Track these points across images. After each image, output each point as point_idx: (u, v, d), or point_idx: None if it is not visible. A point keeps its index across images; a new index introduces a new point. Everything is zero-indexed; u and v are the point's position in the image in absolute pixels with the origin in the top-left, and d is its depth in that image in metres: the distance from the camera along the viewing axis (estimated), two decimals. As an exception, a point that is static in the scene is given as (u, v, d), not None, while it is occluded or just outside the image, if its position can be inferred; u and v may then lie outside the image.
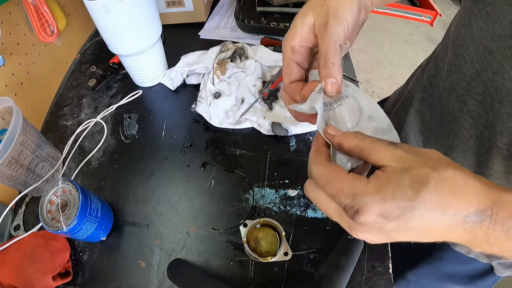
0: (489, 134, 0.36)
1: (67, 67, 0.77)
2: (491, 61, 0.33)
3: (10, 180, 0.48)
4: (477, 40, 0.35)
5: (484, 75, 0.34)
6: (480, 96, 0.36)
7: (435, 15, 1.58)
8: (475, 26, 0.35)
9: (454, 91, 0.39)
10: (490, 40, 0.33)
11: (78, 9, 0.78)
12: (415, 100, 0.48)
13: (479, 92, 0.36)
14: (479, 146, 0.38)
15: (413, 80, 0.53)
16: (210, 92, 0.62)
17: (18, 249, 0.44)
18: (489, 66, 0.34)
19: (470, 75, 0.36)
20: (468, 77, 0.37)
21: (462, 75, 0.38)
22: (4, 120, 0.51)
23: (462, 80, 0.38)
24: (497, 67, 0.33)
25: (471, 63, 0.36)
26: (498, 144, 0.35)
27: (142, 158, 0.58)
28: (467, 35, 0.36)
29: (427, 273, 0.57)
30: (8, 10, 0.59)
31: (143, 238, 0.49)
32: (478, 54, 0.35)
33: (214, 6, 0.88)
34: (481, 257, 0.48)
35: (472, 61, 0.36)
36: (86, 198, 0.44)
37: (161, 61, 0.67)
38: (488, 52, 0.33)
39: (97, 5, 0.51)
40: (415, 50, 2.28)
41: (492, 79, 0.34)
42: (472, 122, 0.38)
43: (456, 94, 0.39)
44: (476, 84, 0.36)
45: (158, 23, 0.61)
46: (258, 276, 0.45)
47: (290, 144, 0.58)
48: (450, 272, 0.55)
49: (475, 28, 0.35)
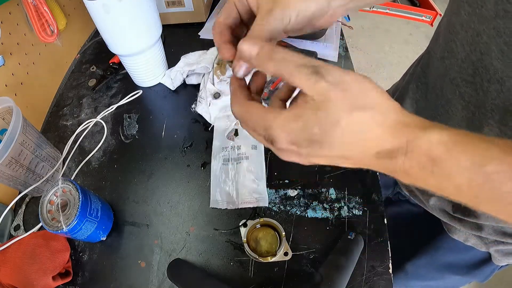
0: (480, 114, 0.37)
1: (67, 67, 0.78)
2: (479, 42, 0.34)
3: (10, 180, 0.48)
4: (465, 24, 0.36)
5: (473, 56, 0.36)
6: (470, 77, 0.37)
7: (435, 15, 1.58)
8: (463, 11, 0.36)
9: (447, 75, 0.40)
10: (478, 22, 0.34)
11: (78, 9, 0.78)
12: (410, 90, 0.50)
13: (469, 73, 0.37)
14: (471, 127, 0.39)
15: (409, 73, 0.55)
16: (210, 92, 0.62)
17: (18, 249, 0.44)
18: (477, 47, 0.35)
19: (461, 58, 0.38)
20: (459, 61, 0.38)
21: (454, 59, 0.39)
22: (4, 120, 0.51)
23: (454, 64, 0.39)
24: (484, 47, 0.34)
25: (462, 47, 0.37)
26: (490, 122, 0.36)
27: (142, 158, 0.58)
28: (457, 22, 0.38)
29: (425, 263, 0.58)
30: (8, 10, 0.59)
31: (143, 238, 0.49)
32: (467, 37, 0.36)
33: (214, 6, 0.88)
34: (479, 245, 0.49)
35: (462, 44, 0.37)
36: (86, 198, 0.44)
37: (161, 61, 0.67)
38: (476, 34, 0.35)
39: (97, 5, 0.51)
40: (415, 50, 2.28)
41: (480, 59, 0.35)
42: (464, 104, 0.39)
43: (449, 78, 0.40)
44: (466, 65, 0.37)
45: (158, 23, 0.61)
46: (258, 276, 0.45)
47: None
48: (448, 261, 0.55)
49: (462, 13, 0.36)
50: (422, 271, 0.59)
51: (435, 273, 0.58)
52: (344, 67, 0.70)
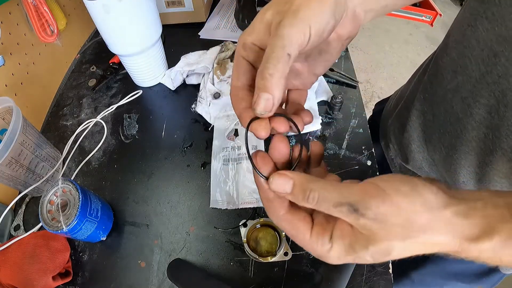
0: (493, 136, 0.36)
1: (67, 67, 0.78)
2: (496, 64, 0.33)
3: (10, 180, 0.48)
4: (482, 41, 0.35)
5: (489, 77, 0.34)
6: (484, 99, 0.35)
7: (435, 15, 1.58)
8: (481, 27, 0.34)
9: (459, 92, 0.39)
10: (496, 42, 0.33)
11: (78, 9, 0.78)
12: (417, 100, 0.48)
13: (483, 95, 0.35)
14: (482, 148, 0.38)
15: (414, 81, 0.53)
16: (210, 92, 0.62)
17: (18, 249, 0.44)
18: (494, 69, 0.33)
19: (475, 77, 0.36)
20: (473, 79, 0.36)
21: (467, 77, 0.37)
22: (4, 120, 0.51)
23: (467, 82, 0.37)
24: (503, 70, 0.33)
25: (476, 65, 0.36)
26: (503, 146, 0.35)
27: (142, 158, 0.58)
28: (473, 36, 0.36)
29: (431, 271, 0.57)
30: (8, 10, 0.59)
31: (143, 238, 0.49)
32: (483, 55, 0.35)
33: (214, 6, 0.88)
34: None
35: (477, 62, 0.35)
36: (86, 198, 0.44)
37: (161, 61, 0.67)
38: (493, 54, 0.33)
39: (97, 5, 0.51)
40: (415, 50, 2.28)
41: (497, 82, 0.33)
42: (474, 125, 0.38)
43: (461, 96, 0.39)
44: (481, 86, 0.35)
45: (158, 23, 0.61)
46: (258, 276, 0.45)
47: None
48: (455, 270, 0.55)
49: (480, 29, 0.34)
50: (428, 279, 0.59)
51: (441, 280, 0.58)
52: (344, 67, 0.70)
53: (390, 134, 0.57)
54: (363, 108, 0.62)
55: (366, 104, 1.94)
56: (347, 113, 0.61)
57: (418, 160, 0.49)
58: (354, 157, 0.55)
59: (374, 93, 2.04)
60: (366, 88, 2.06)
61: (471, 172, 0.41)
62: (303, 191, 0.24)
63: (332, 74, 0.67)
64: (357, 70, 1.96)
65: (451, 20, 0.44)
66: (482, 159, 0.39)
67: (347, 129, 0.59)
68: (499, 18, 0.32)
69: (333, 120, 0.60)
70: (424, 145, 0.48)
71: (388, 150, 0.58)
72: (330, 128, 0.59)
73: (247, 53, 0.28)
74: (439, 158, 0.45)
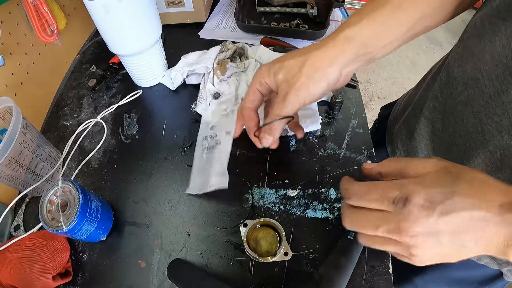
0: (502, 155, 0.36)
1: (67, 67, 0.77)
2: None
3: (10, 180, 0.48)
4: (497, 56, 0.34)
5: (504, 96, 0.34)
6: (497, 117, 0.35)
7: (435, 15, 1.58)
8: (498, 42, 0.34)
9: (470, 106, 0.38)
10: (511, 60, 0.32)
11: (78, 9, 0.78)
12: (426, 109, 0.48)
13: (497, 112, 0.35)
14: (488, 165, 0.38)
15: (423, 87, 0.52)
16: (210, 92, 0.62)
17: (18, 249, 0.44)
18: (510, 88, 0.33)
19: (488, 93, 0.36)
20: (486, 95, 0.36)
21: (480, 91, 0.37)
22: (4, 120, 0.51)
23: (479, 97, 0.37)
24: None
25: (489, 80, 0.35)
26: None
27: (142, 158, 0.58)
28: (488, 50, 0.35)
29: (435, 278, 0.57)
30: (8, 10, 0.59)
31: (143, 238, 0.49)
32: (497, 72, 0.34)
33: (214, 6, 0.88)
34: (492, 263, 0.48)
35: (490, 78, 0.35)
36: (86, 198, 0.44)
37: (161, 61, 0.67)
38: (509, 72, 0.33)
39: (97, 5, 0.51)
40: (415, 50, 2.28)
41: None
42: (483, 141, 0.37)
43: (472, 110, 0.38)
44: (495, 104, 0.35)
45: (158, 23, 0.61)
46: (258, 276, 0.45)
47: (290, 144, 0.58)
48: (458, 277, 0.54)
49: (498, 43, 0.34)
50: (430, 285, 0.59)
51: (444, 287, 0.57)
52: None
53: (397, 140, 0.57)
54: (363, 108, 0.62)
55: (366, 104, 1.94)
56: (347, 113, 0.61)
57: None
58: (354, 157, 0.55)
59: (374, 93, 2.04)
60: (366, 88, 2.06)
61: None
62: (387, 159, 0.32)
63: (332, 74, 0.67)
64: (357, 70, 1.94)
65: (452, 20, 0.44)
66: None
67: (347, 129, 0.59)
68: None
69: (333, 120, 0.60)
70: (431, 154, 0.47)
71: (395, 155, 0.58)
72: (330, 128, 0.59)
73: (262, 87, 0.42)
74: None
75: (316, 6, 0.78)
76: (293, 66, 0.38)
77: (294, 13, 0.81)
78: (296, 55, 0.39)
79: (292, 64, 0.38)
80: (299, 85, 0.37)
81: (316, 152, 0.56)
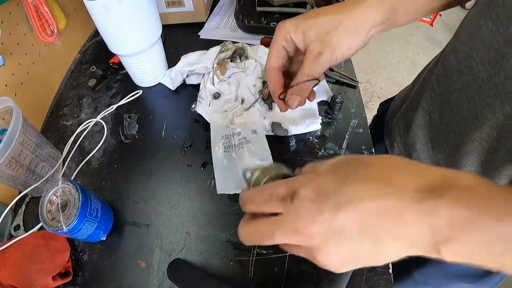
0: (498, 135, 0.36)
1: (67, 67, 0.78)
2: (504, 65, 0.33)
3: (10, 180, 0.48)
4: (487, 42, 0.35)
5: (496, 78, 0.34)
6: (490, 100, 0.36)
7: (435, 15, 1.58)
8: (485, 27, 0.35)
9: (465, 92, 0.39)
10: (503, 44, 0.33)
11: (78, 9, 0.78)
12: (424, 100, 0.48)
13: (490, 95, 0.36)
14: (485, 147, 0.38)
15: (420, 81, 0.53)
16: (210, 92, 0.62)
17: (18, 249, 0.44)
18: (501, 70, 0.34)
19: (481, 77, 0.36)
20: (479, 79, 0.37)
21: (473, 77, 0.37)
22: (4, 120, 0.51)
23: (473, 82, 0.38)
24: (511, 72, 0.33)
25: (482, 65, 0.36)
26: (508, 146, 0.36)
27: (142, 158, 0.58)
28: (478, 37, 0.36)
29: (434, 272, 0.57)
30: (8, 10, 0.59)
31: (143, 238, 0.49)
32: (489, 56, 0.35)
33: (214, 6, 0.88)
34: None
35: (483, 63, 0.36)
36: (86, 198, 0.44)
37: (161, 61, 0.67)
38: (501, 56, 0.33)
39: (97, 5, 0.51)
40: (415, 50, 2.28)
41: (504, 83, 0.34)
42: (478, 124, 0.38)
43: (467, 96, 0.39)
44: (487, 87, 0.36)
45: (158, 23, 0.61)
46: (258, 276, 0.45)
47: (290, 144, 0.58)
48: (457, 270, 0.55)
49: (484, 29, 0.35)
50: (430, 280, 0.59)
51: (444, 281, 0.58)
52: (344, 67, 0.70)
53: (395, 133, 0.57)
54: (363, 108, 0.62)
55: (366, 104, 1.94)
56: (347, 113, 0.61)
57: (423, 159, 0.49)
58: (354, 157, 0.55)
59: (374, 93, 2.04)
60: (366, 88, 2.06)
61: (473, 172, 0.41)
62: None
63: (332, 74, 0.67)
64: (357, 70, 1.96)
65: (451, 20, 0.45)
66: (484, 158, 0.39)
67: (347, 129, 0.59)
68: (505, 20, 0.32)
69: (333, 120, 0.60)
70: (429, 143, 0.48)
71: (393, 149, 0.58)
72: (330, 128, 0.59)
73: (287, 44, 0.39)
74: (442, 157, 0.46)
75: (316, 6, 0.78)
76: (328, 24, 0.36)
77: (294, 13, 0.81)
78: (329, 13, 0.37)
79: (326, 22, 0.36)
80: (335, 44, 0.36)
81: (316, 152, 0.56)
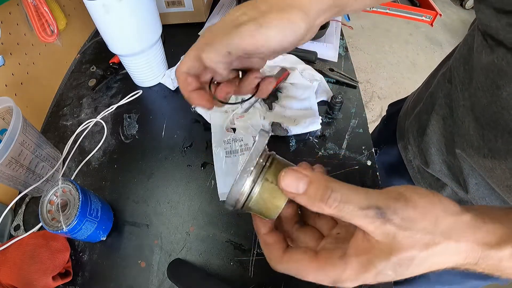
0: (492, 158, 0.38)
1: (67, 67, 0.77)
2: (499, 96, 0.34)
3: (10, 180, 0.48)
4: (485, 70, 0.36)
5: (494, 107, 0.35)
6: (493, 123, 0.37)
7: (435, 15, 1.58)
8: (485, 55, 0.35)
9: (473, 111, 0.40)
10: (497, 75, 0.33)
11: (78, 9, 0.78)
12: (438, 106, 0.49)
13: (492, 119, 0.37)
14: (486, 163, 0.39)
15: (434, 83, 0.53)
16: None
17: (18, 249, 0.44)
18: (497, 100, 0.34)
19: (483, 104, 0.37)
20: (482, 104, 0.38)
21: (477, 100, 0.38)
22: (4, 120, 0.51)
23: (477, 105, 0.39)
24: (505, 103, 0.33)
25: (483, 92, 0.37)
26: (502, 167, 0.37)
27: (142, 158, 0.58)
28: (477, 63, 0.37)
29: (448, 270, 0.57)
30: (8, 10, 0.59)
31: (143, 238, 0.49)
32: (487, 85, 0.35)
33: (214, 6, 0.88)
34: None
35: (483, 90, 0.37)
36: (86, 198, 0.44)
37: (161, 61, 0.67)
38: (496, 87, 0.34)
39: (97, 5, 0.51)
40: (415, 50, 2.28)
41: (500, 112, 0.34)
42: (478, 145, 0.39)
43: (475, 115, 0.40)
44: (489, 114, 0.37)
45: (158, 23, 0.61)
46: (258, 276, 0.45)
47: (290, 144, 0.58)
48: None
49: (484, 57, 0.35)
50: (444, 277, 0.59)
51: (458, 278, 0.58)
52: (344, 67, 0.70)
53: (409, 135, 0.57)
54: (363, 108, 0.62)
55: (366, 104, 1.94)
56: (347, 113, 0.61)
57: (438, 163, 0.50)
58: (354, 157, 0.55)
59: (374, 93, 2.03)
60: (366, 88, 2.06)
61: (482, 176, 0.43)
62: (323, 190, 0.22)
63: (332, 74, 0.67)
64: (357, 70, 1.96)
65: (451, 20, 0.45)
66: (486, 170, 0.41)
67: (347, 129, 0.59)
68: (501, 53, 0.32)
69: (333, 120, 0.60)
70: (443, 148, 0.48)
71: (407, 151, 0.58)
72: (330, 128, 0.59)
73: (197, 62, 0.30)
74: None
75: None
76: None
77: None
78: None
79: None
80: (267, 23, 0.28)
81: (316, 152, 0.56)
